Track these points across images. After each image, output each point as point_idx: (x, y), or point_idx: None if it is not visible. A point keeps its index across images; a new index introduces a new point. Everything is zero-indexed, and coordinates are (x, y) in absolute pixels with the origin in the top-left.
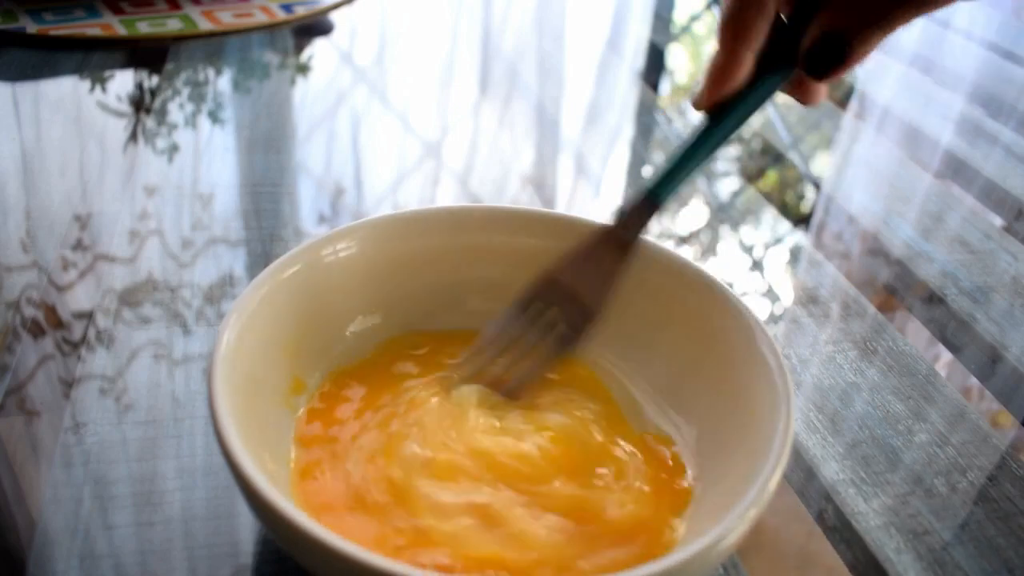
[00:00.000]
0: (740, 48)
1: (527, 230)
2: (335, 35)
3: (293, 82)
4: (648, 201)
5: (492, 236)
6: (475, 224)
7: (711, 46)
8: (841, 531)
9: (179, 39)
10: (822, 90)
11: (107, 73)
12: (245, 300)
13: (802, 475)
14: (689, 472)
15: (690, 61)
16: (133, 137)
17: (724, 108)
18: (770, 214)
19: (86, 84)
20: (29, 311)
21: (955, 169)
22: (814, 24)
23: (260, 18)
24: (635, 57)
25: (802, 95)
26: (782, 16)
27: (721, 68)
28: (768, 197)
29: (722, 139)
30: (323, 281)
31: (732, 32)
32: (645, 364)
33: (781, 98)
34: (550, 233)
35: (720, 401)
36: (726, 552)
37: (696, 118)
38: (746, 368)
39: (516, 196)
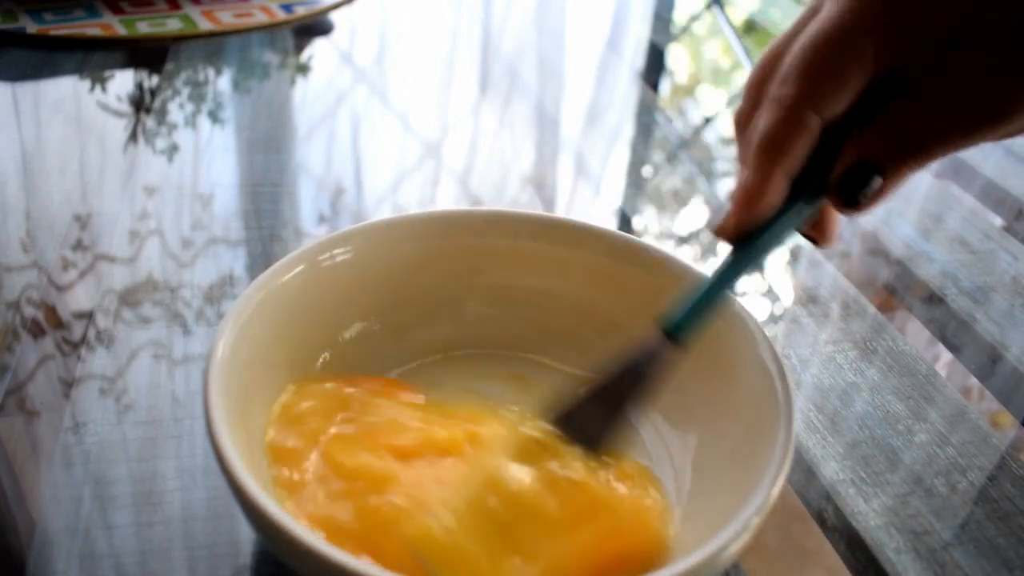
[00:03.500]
0: (777, 171)
1: (527, 234)
2: (335, 35)
3: (293, 82)
4: (670, 339)
5: (491, 240)
6: (474, 228)
7: (736, 166)
8: (841, 531)
9: (179, 39)
10: (837, 227)
11: (107, 73)
12: (241, 306)
13: (802, 475)
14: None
15: (690, 61)
16: (133, 137)
17: (751, 236)
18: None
19: (86, 84)
20: (29, 311)
21: (955, 169)
22: (847, 151)
23: (260, 18)
24: (635, 57)
25: (817, 232)
26: None
27: (754, 193)
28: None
29: (745, 271)
30: (320, 286)
31: (771, 153)
32: None
33: None
34: (550, 237)
35: (720, 407)
36: (729, 560)
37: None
38: (747, 374)
39: (516, 196)
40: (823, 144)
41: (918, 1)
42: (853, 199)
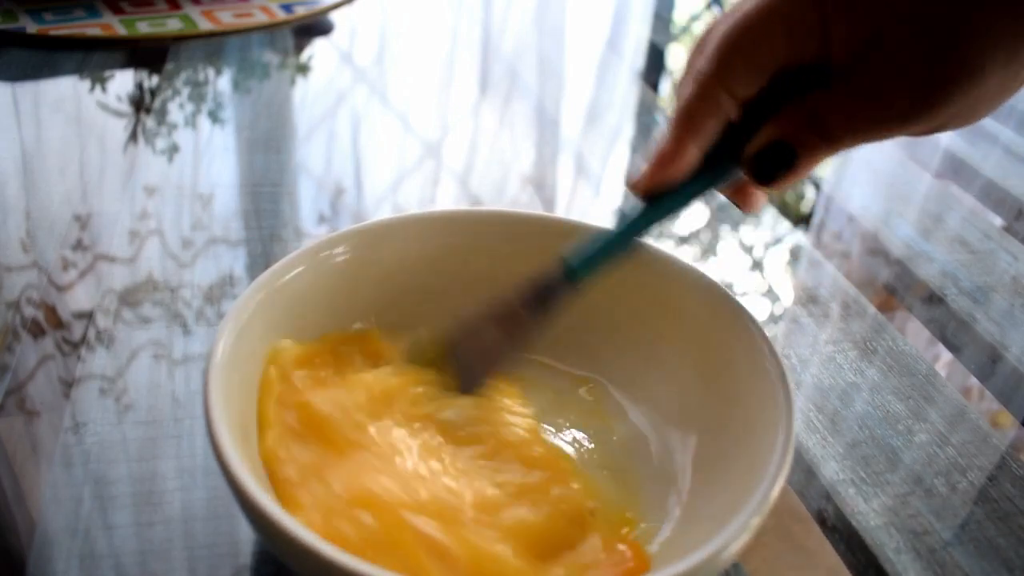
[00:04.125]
0: (688, 141)
1: (526, 233)
2: (335, 35)
3: (293, 82)
4: (566, 279)
5: (490, 240)
6: (474, 228)
7: (660, 134)
8: (841, 531)
9: (179, 39)
10: (762, 198)
11: (107, 73)
12: (241, 306)
13: (802, 475)
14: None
15: None
16: (133, 137)
17: (658, 196)
18: (770, 214)
19: (86, 84)
20: (29, 311)
21: (955, 169)
22: (764, 130)
23: (260, 18)
24: (635, 57)
25: (741, 200)
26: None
27: (666, 157)
28: (768, 197)
29: (649, 226)
30: (320, 286)
31: (684, 124)
32: (644, 369)
33: None
34: (549, 236)
35: (720, 407)
36: (729, 560)
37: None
38: (747, 374)
39: (516, 196)
40: (741, 121)
41: None
42: (766, 176)
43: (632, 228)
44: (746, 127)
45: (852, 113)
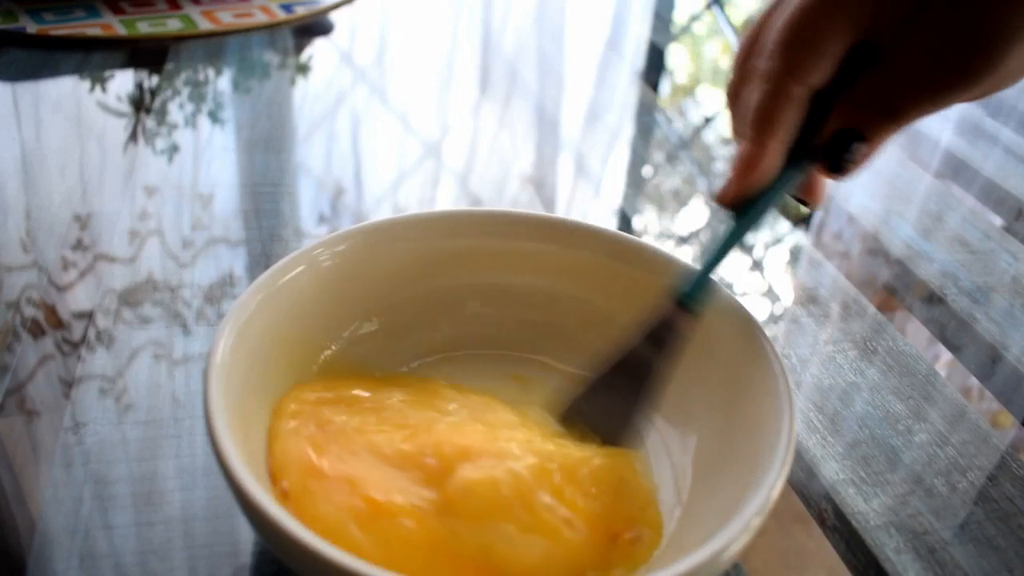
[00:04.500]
0: (772, 142)
1: (527, 234)
2: (335, 35)
3: (293, 82)
4: (682, 308)
5: (491, 240)
6: (474, 228)
7: (730, 136)
8: (841, 531)
9: (179, 39)
10: (825, 190)
11: (107, 73)
12: (241, 306)
13: (802, 475)
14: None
15: (690, 61)
16: (133, 137)
17: (749, 202)
18: (770, 214)
19: (86, 84)
20: (29, 311)
21: (955, 169)
22: (832, 119)
23: (260, 18)
24: (635, 57)
25: (807, 194)
26: None
27: (752, 162)
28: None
29: (744, 234)
30: (320, 286)
31: (764, 125)
32: None
33: None
34: (550, 237)
35: (721, 408)
36: (729, 560)
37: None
38: (747, 374)
39: (516, 196)
40: (811, 113)
41: None
42: (838, 164)
43: (731, 241)
44: (810, 120)
45: (911, 88)
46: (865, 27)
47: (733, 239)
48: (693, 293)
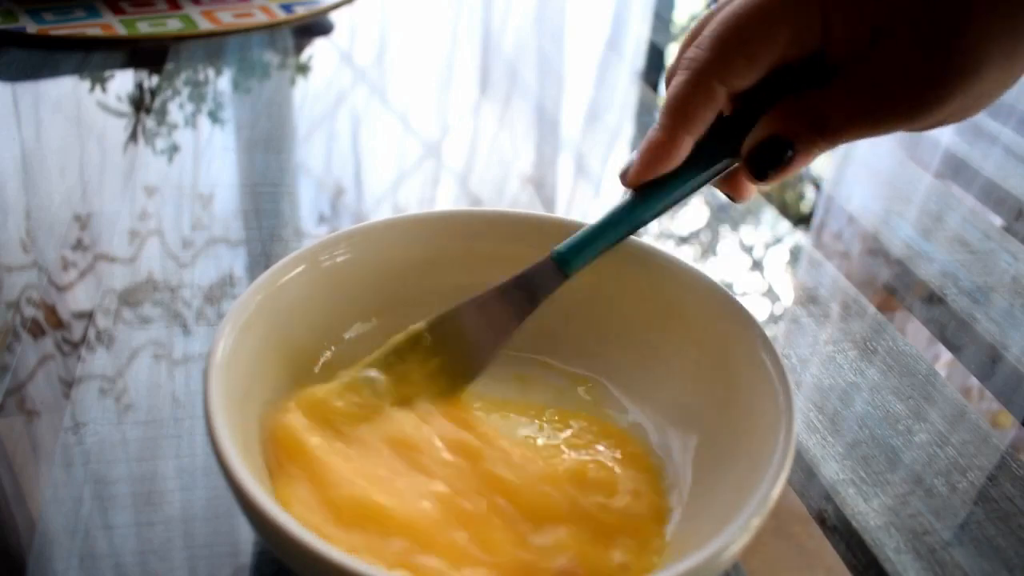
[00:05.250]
0: (681, 133)
1: (526, 233)
2: (335, 35)
3: (293, 82)
4: (556, 267)
5: (491, 240)
6: (473, 228)
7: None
8: (841, 531)
9: (179, 39)
10: (752, 188)
11: (107, 73)
12: (241, 306)
13: (802, 475)
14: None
15: None
16: (133, 137)
17: (650, 188)
18: (770, 214)
19: (86, 84)
20: (29, 311)
21: (955, 169)
22: (761, 125)
23: (260, 18)
24: (635, 57)
25: (733, 191)
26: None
27: (658, 148)
28: (768, 197)
29: (644, 220)
30: (320, 286)
31: (677, 115)
32: (644, 369)
33: None
34: (550, 238)
35: (720, 407)
36: (729, 560)
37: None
38: (747, 374)
39: (516, 196)
40: (742, 111)
41: None
42: (762, 170)
43: (621, 219)
44: (740, 120)
45: (852, 109)
46: (811, 42)
47: (629, 218)
48: (569, 255)
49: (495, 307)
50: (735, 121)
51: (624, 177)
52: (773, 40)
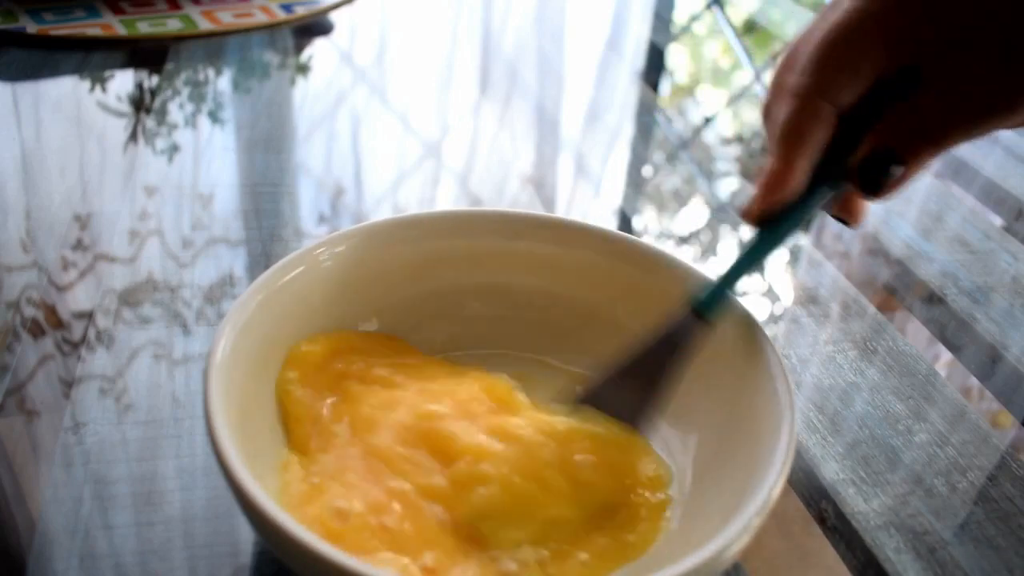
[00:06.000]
0: (797, 158)
1: (527, 234)
2: (335, 35)
3: (293, 82)
4: (697, 315)
5: (491, 240)
6: (473, 228)
7: (765, 153)
8: (841, 531)
9: (179, 39)
10: (866, 209)
11: (107, 73)
12: (241, 306)
13: (802, 475)
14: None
15: (690, 61)
16: (133, 137)
17: (776, 219)
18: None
19: (86, 84)
20: (29, 311)
21: (955, 169)
22: (868, 139)
23: (260, 18)
24: (635, 57)
25: (847, 214)
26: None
27: (777, 178)
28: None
29: (770, 251)
30: (320, 286)
31: (791, 142)
32: None
33: None
34: (551, 238)
35: (721, 408)
36: (729, 560)
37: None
38: (747, 374)
39: (516, 196)
40: (846, 132)
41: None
42: (873, 185)
43: (753, 256)
44: (847, 140)
45: (950, 113)
46: (906, 51)
47: (757, 254)
48: (709, 302)
49: (642, 365)
50: (844, 142)
51: (749, 215)
52: (871, 53)
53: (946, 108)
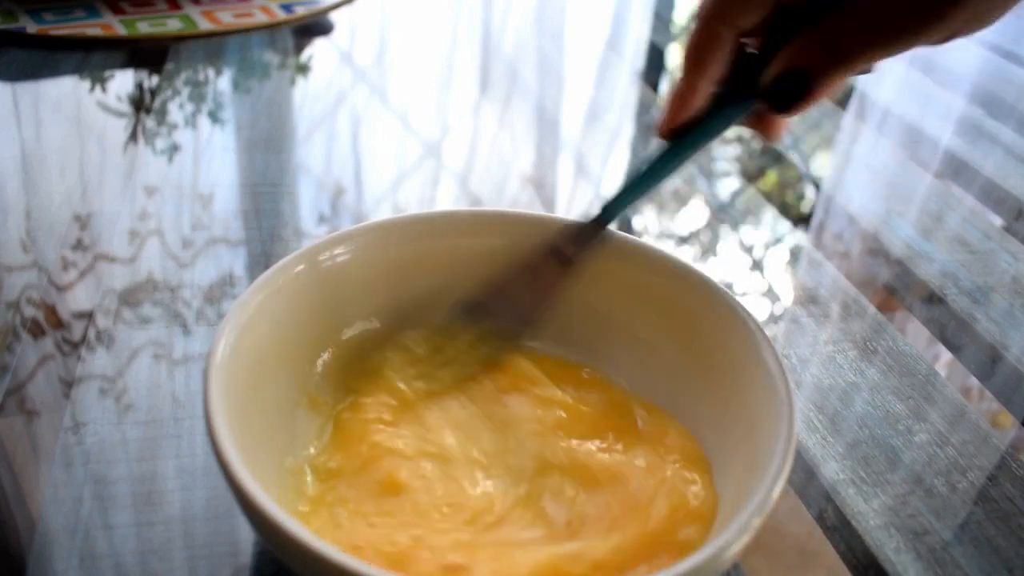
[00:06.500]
0: (699, 77)
1: (526, 233)
2: (335, 35)
3: (293, 82)
4: (597, 220)
5: (491, 240)
6: (473, 228)
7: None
8: (841, 531)
9: (179, 39)
10: (783, 125)
11: (107, 73)
12: (241, 306)
13: (802, 475)
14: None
15: None
16: (133, 137)
17: (683, 134)
18: (770, 214)
19: (86, 84)
20: (29, 311)
21: (955, 169)
22: (778, 58)
23: (260, 18)
24: (635, 57)
25: (764, 129)
26: (748, 48)
27: (680, 95)
28: (768, 197)
29: (677, 164)
30: (320, 286)
31: (692, 61)
32: (643, 369)
33: None
34: (549, 237)
35: (721, 408)
36: (729, 561)
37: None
38: (747, 373)
39: (516, 196)
40: (760, 52)
41: None
42: (785, 104)
43: (659, 166)
44: (762, 58)
45: (864, 31)
46: None
47: (663, 166)
48: (608, 209)
49: (539, 264)
50: (759, 60)
51: (657, 128)
52: None
53: (861, 25)
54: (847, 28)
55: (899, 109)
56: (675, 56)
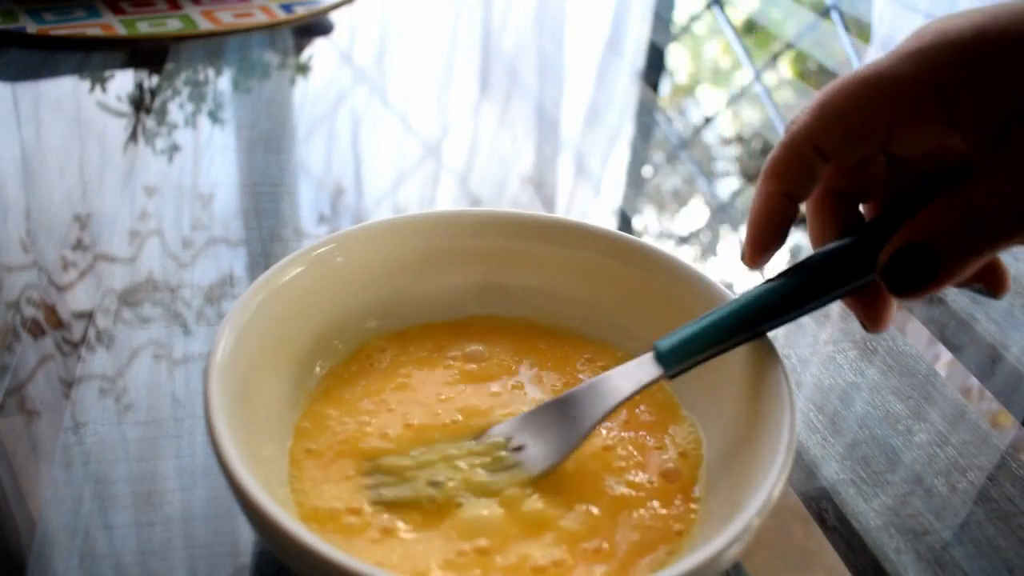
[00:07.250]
0: (774, 193)
1: (527, 234)
2: (335, 35)
3: (293, 82)
4: (655, 363)
5: (491, 240)
6: (473, 228)
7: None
8: (841, 531)
9: (179, 39)
10: (892, 312)
11: (107, 73)
12: (241, 306)
13: (802, 475)
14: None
15: (690, 61)
16: (133, 137)
17: (775, 299)
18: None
19: (86, 84)
20: (29, 311)
21: None
22: (902, 231)
23: (260, 18)
24: (635, 57)
25: (868, 314)
26: (863, 216)
27: (757, 214)
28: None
29: (763, 331)
30: (320, 286)
31: (769, 176)
32: None
33: (780, 97)
34: (550, 237)
35: (721, 408)
36: (729, 560)
37: None
38: (747, 374)
39: (516, 196)
40: (879, 221)
41: (983, 76)
42: (903, 285)
43: (735, 324)
44: (882, 231)
45: (1007, 207)
46: (931, 133)
47: (745, 325)
48: (669, 353)
49: (580, 402)
50: (877, 231)
51: (743, 257)
52: (873, 113)
53: (1006, 200)
54: (992, 202)
55: None
56: (675, 56)
